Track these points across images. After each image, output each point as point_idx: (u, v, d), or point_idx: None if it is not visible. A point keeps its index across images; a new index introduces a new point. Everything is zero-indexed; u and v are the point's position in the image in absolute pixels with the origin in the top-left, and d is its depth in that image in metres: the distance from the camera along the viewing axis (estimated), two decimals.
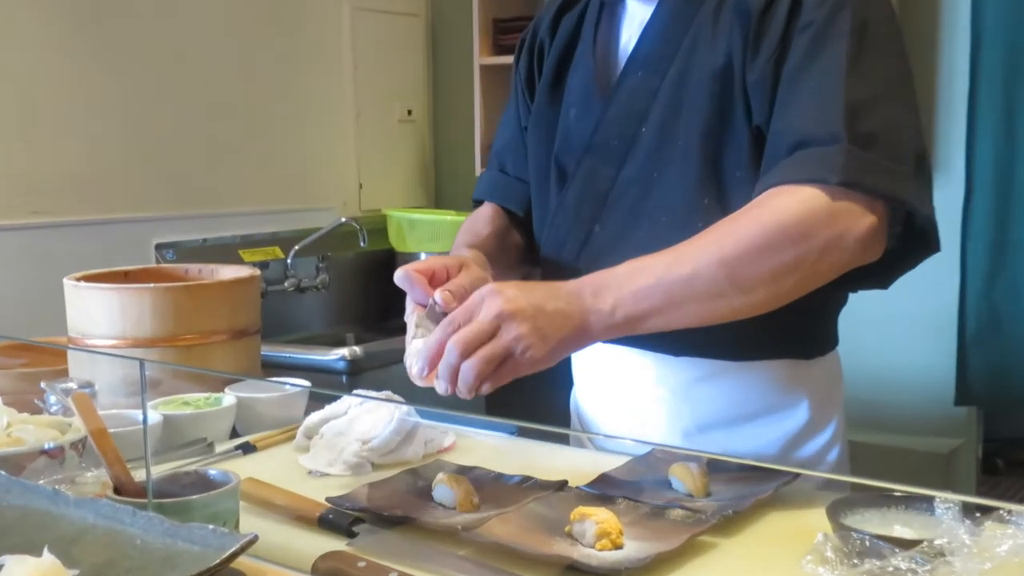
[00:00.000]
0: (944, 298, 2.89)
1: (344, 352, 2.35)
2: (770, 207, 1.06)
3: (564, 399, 1.49)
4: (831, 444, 1.28)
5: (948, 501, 0.83)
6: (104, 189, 2.53)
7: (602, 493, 1.08)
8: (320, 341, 2.71)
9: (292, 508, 1.07)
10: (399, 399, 1.33)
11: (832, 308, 1.30)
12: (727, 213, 1.10)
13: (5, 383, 1.48)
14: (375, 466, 1.24)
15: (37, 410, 1.28)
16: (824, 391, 1.28)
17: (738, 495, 1.07)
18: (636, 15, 1.28)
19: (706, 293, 1.05)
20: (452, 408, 1.17)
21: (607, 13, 1.32)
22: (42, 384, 1.31)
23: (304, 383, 1.48)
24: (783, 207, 1.05)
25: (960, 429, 2.95)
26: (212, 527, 0.80)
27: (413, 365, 1.05)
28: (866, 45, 1.10)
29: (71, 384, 1.32)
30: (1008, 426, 3.58)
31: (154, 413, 1.33)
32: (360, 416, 1.31)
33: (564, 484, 1.12)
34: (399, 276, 1.13)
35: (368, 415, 1.31)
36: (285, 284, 2.81)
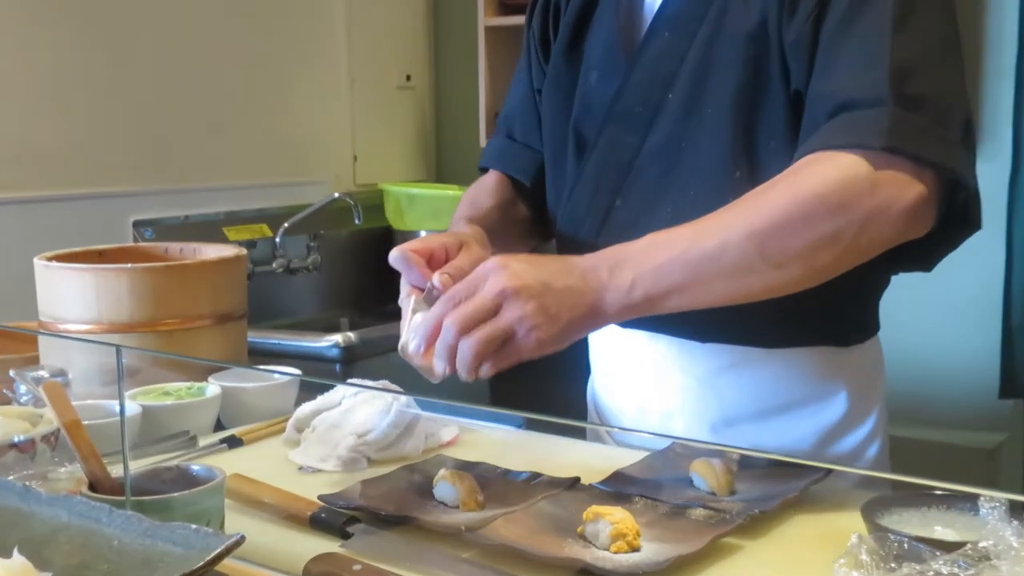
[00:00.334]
0: (987, 281, 2.88)
1: (337, 338, 2.35)
2: (806, 175, 1.05)
3: (580, 389, 1.49)
4: (871, 439, 1.28)
5: (993, 500, 0.82)
6: (77, 162, 2.53)
7: (617, 491, 1.08)
8: (311, 326, 2.72)
9: (281, 507, 1.07)
10: (397, 389, 1.33)
11: (873, 290, 1.29)
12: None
13: None
14: (371, 461, 1.24)
15: (6, 400, 1.28)
16: (864, 381, 1.28)
17: (765, 494, 1.07)
18: None
19: (735, 268, 1.04)
20: (455, 399, 1.17)
21: None
22: (11, 372, 1.31)
23: (294, 372, 1.48)
24: (821, 175, 1.05)
25: (1005, 423, 2.94)
26: (195, 527, 0.80)
27: (411, 341, 1.05)
28: (913, 2, 1.09)
29: (42, 372, 1.32)
30: None
31: (132, 404, 1.33)
32: (355, 407, 1.31)
33: (576, 481, 1.12)
34: (394, 257, 1.13)
35: (364, 406, 1.31)
36: (273, 265, 2.81)
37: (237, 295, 1.58)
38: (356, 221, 2.83)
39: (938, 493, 0.94)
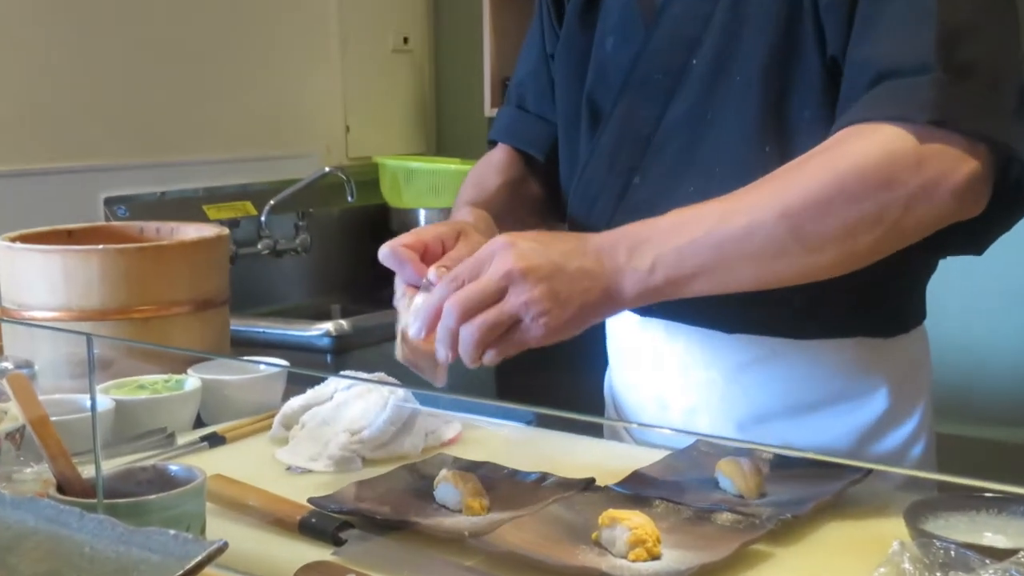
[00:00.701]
0: None
1: (328, 326, 2.35)
2: (844, 149, 1.05)
3: (597, 382, 1.49)
4: (915, 438, 1.27)
5: None
6: (42, 133, 2.53)
7: (636, 493, 1.09)
8: (300, 313, 2.72)
9: (268, 510, 1.07)
10: (394, 382, 1.33)
11: (919, 275, 1.29)
12: None
13: None
14: (366, 461, 1.25)
15: None
16: (907, 374, 1.28)
17: (797, 496, 1.07)
18: None
19: (765, 250, 1.04)
20: (458, 393, 1.17)
21: None
22: None
23: (281, 363, 1.48)
24: (861, 149, 1.04)
25: None
26: (173, 532, 0.80)
27: (411, 325, 1.05)
28: None
29: (6, 364, 1.32)
30: None
31: (104, 398, 1.34)
32: (348, 402, 1.31)
33: (591, 482, 1.12)
34: (384, 254, 1.14)
35: (357, 401, 1.31)
36: (258, 246, 2.81)
37: (218, 279, 1.58)
38: (349, 198, 2.82)
39: (988, 496, 0.94)
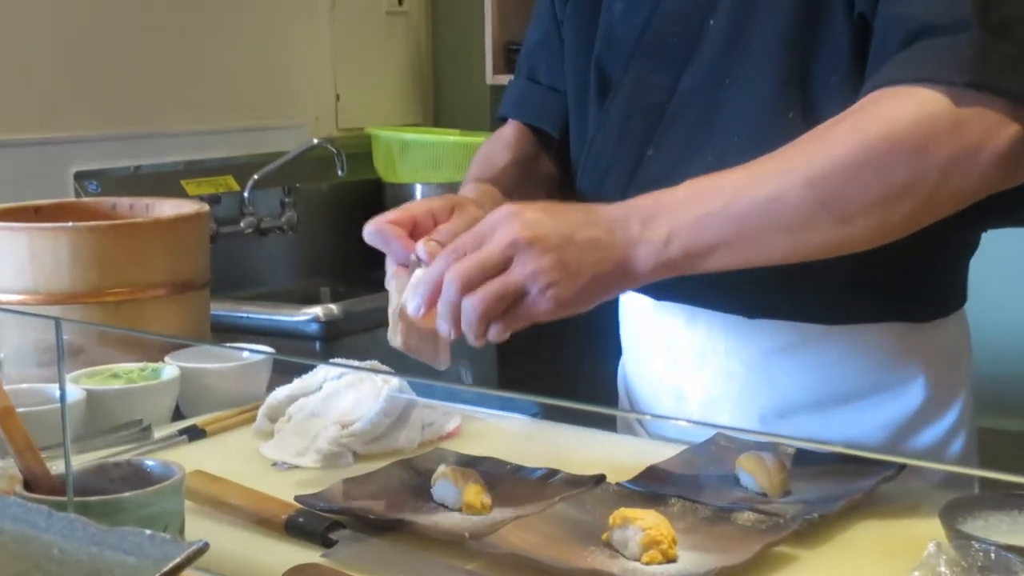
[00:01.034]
0: None
1: (317, 311, 2.35)
2: (875, 114, 1.05)
3: (609, 372, 1.49)
4: (954, 432, 1.27)
5: None
6: (7, 102, 2.52)
7: (650, 491, 1.09)
8: (286, 297, 2.72)
9: (252, 509, 1.07)
10: (388, 370, 1.33)
11: (959, 253, 1.29)
12: None
13: None
14: (357, 456, 1.25)
15: None
16: (946, 363, 1.28)
17: (825, 494, 1.07)
18: None
19: (791, 222, 1.04)
20: (458, 382, 1.17)
21: None
22: None
23: (266, 350, 1.48)
24: (892, 114, 1.04)
25: None
26: (149, 533, 0.80)
27: (409, 300, 1.05)
28: None
29: None
30: None
31: (75, 388, 1.34)
32: (338, 392, 1.31)
33: (601, 479, 1.12)
34: (369, 232, 1.14)
35: (348, 391, 1.31)
36: (241, 224, 2.81)
37: (198, 260, 1.58)
38: (339, 172, 2.82)
39: None
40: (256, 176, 2.81)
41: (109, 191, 2.57)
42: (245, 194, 2.81)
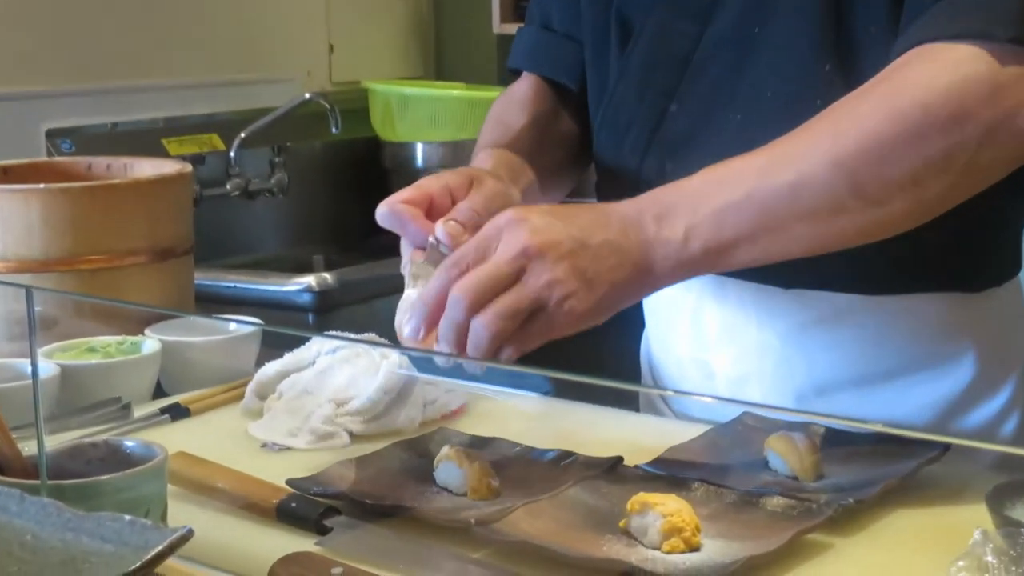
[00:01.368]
0: None
1: (309, 280, 2.35)
2: (907, 79, 1.05)
3: (631, 346, 1.49)
4: (1006, 413, 1.27)
5: None
6: None
7: (671, 474, 1.09)
8: (277, 265, 2.72)
9: (240, 494, 1.08)
10: (386, 343, 1.33)
11: (1012, 218, 1.29)
12: (857, 84, 1.08)
13: None
14: (354, 437, 1.25)
15: None
16: (998, 337, 1.27)
17: (862, 478, 1.07)
18: None
19: (819, 208, 1.04)
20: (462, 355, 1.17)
21: None
22: None
23: (255, 322, 1.48)
24: (926, 78, 1.04)
25: None
26: (129, 519, 0.80)
27: (404, 324, 1.04)
28: None
29: None
30: None
31: (48, 363, 1.34)
32: (333, 368, 1.31)
33: (618, 462, 1.12)
34: (382, 214, 1.13)
35: (344, 366, 1.31)
36: (227, 186, 2.81)
37: (180, 224, 1.58)
38: (333, 130, 2.82)
39: None
40: (243, 134, 2.81)
41: (84, 150, 2.57)
42: (231, 153, 2.81)
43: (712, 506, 1.02)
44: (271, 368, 1.35)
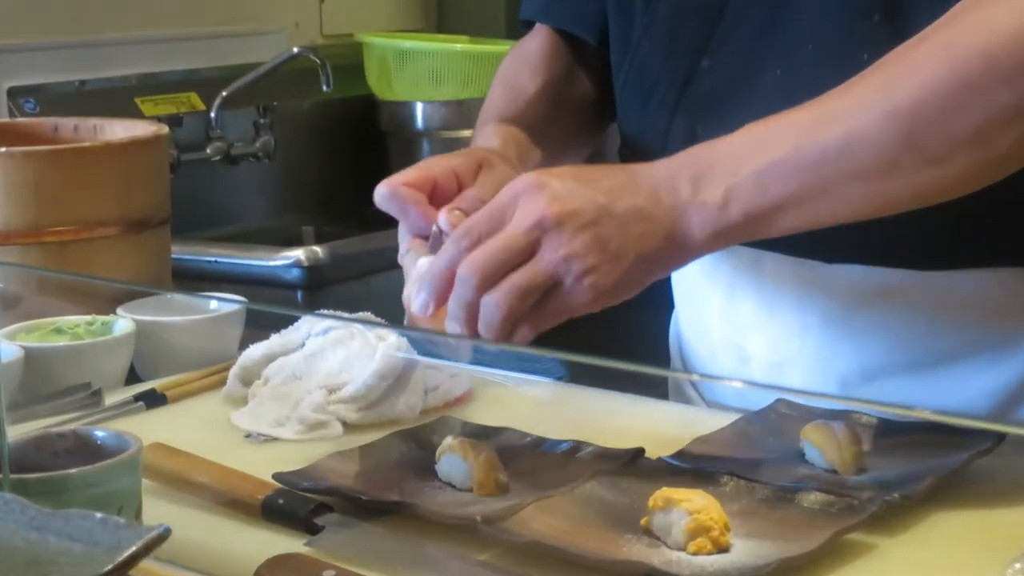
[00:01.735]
0: None
1: (298, 254, 2.35)
2: (968, 24, 1.04)
3: (659, 327, 1.48)
4: None
5: None
6: None
7: (697, 467, 1.09)
8: (262, 238, 2.72)
9: (222, 489, 1.08)
10: (383, 323, 1.33)
11: None
12: (908, 37, 1.08)
13: None
14: (347, 426, 1.25)
15: None
16: None
17: (907, 471, 1.06)
18: None
19: (871, 165, 1.03)
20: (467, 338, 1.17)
21: None
22: None
23: (238, 299, 1.48)
24: (990, 23, 1.03)
25: None
26: (100, 516, 0.80)
27: (413, 297, 1.04)
28: None
29: None
30: None
31: (11, 346, 1.34)
32: (324, 350, 1.32)
33: (639, 454, 1.12)
34: (382, 195, 1.12)
35: (337, 349, 1.31)
36: (208, 150, 2.81)
37: (156, 192, 1.58)
38: (324, 88, 2.82)
39: None
40: (225, 93, 2.80)
41: (50, 110, 2.57)
42: (212, 114, 2.81)
43: (742, 502, 1.02)
44: (256, 351, 1.35)
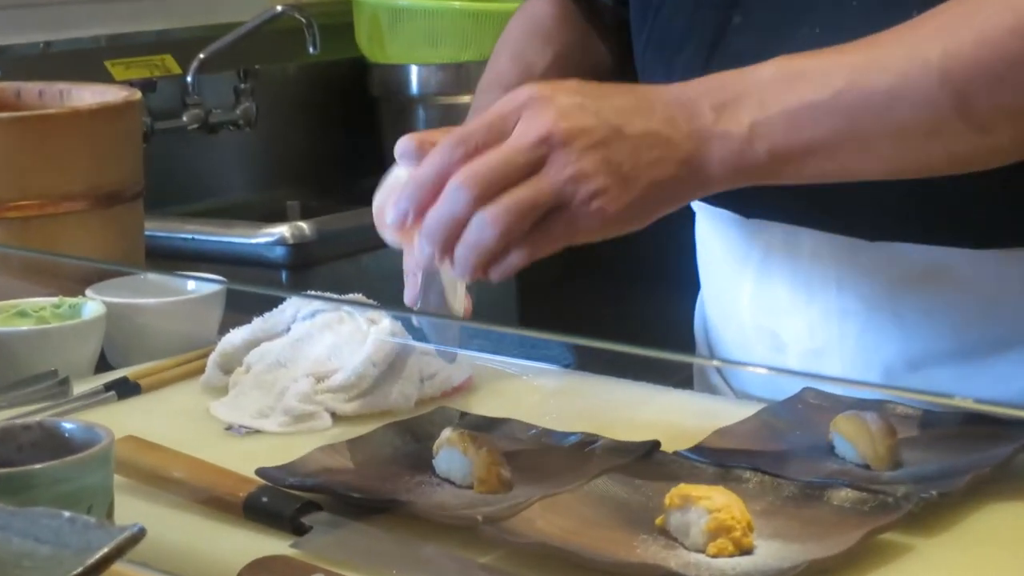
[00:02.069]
0: None
1: (283, 231, 2.35)
2: None
3: (682, 311, 1.48)
4: None
5: None
6: None
7: (718, 463, 1.09)
8: (243, 213, 2.72)
9: (200, 486, 1.08)
10: (374, 305, 1.33)
11: None
12: None
13: None
14: (337, 418, 1.25)
15: None
16: None
17: (946, 467, 1.07)
18: None
19: (914, 124, 1.03)
20: (468, 319, 1.16)
21: None
22: None
23: (218, 280, 1.48)
24: None
25: None
26: (69, 515, 0.80)
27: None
28: None
29: None
30: None
31: None
32: (311, 335, 1.32)
33: (654, 448, 1.12)
34: (404, 148, 1.09)
35: (325, 334, 1.31)
36: (184, 118, 2.81)
37: (128, 164, 1.58)
38: (311, 50, 2.82)
39: None
40: (202, 55, 2.80)
41: (12, 74, 2.56)
42: (188, 78, 2.81)
43: (766, 500, 1.02)
44: (237, 336, 1.35)
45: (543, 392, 1.35)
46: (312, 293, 1.40)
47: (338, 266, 2.36)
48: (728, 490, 0.98)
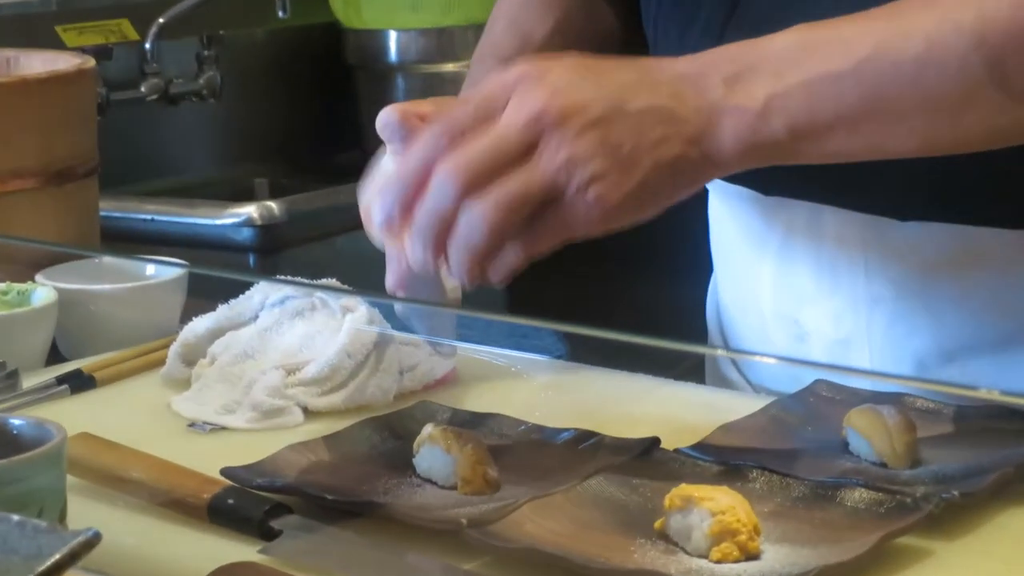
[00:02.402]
0: None
1: (250, 210, 2.35)
2: None
3: (694, 297, 1.48)
4: None
5: None
6: None
7: (722, 461, 1.09)
8: (207, 191, 2.72)
9: (161, 487, 1.08)
10: (349, 290, 1.33)
11: None
12: None
13: None
14: (309, 413, 1.26)
15: None
16: None
17: (968, 465, 1.07)
18: None
19: (946, 94, 1.03)
20: (454, 306, 1.16)
21: None
22: None
23: (179, 263, 1.48)
24: None
25: None
26: (18, 519, 0.80)
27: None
28: None
29: None
30: None
31: None
32: (281, 324, 1.32)
33: (654, 445, 1.12)
34: (387, 120, 1.09)
35: (296, 322, 1.32)
36: (142, 88, 2.81)
37: (81, 138, 1.58)
38: (280, 14, 2.81)
39: None
40: (162, 20, 2.80)
41: None
42: (147, 45, 2.80)
43: (775, 501, 1.03)
44: (201, 325, 1.35)
45: (533, 385, 1.35)
46: (282, 278, 1.40)
47: (310, 249, 2.36)
48: (733, 490, 0.98)
